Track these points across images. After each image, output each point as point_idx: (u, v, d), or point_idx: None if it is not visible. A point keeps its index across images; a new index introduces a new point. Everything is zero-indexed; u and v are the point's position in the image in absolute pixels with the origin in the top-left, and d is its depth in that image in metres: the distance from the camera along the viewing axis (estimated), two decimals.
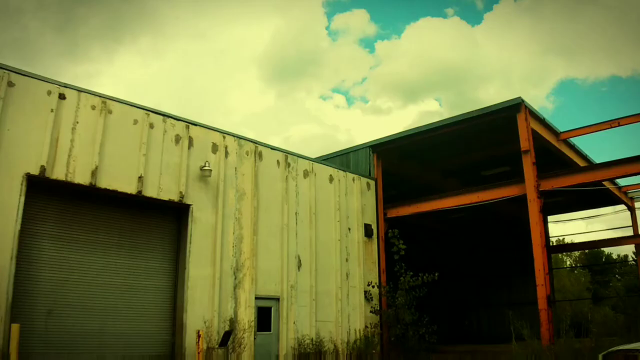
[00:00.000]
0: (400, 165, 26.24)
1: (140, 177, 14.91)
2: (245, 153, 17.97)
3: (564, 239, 45.92)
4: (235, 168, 17.53)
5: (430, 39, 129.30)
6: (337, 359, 18.78)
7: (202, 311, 15.46)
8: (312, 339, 18.31)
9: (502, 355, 17.26)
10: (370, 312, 21.34)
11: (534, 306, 18.44)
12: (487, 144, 24.43)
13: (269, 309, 17.72)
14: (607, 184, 28.04)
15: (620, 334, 15.87)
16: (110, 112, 14.67)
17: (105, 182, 14.22)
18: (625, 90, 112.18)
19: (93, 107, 14.33)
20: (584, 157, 25.68)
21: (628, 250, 45.35)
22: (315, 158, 22.00)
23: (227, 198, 17.03)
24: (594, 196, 29.61)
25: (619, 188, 32.18)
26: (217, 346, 15.12)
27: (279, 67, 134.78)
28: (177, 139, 16.08)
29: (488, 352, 24.17)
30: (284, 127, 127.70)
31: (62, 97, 13.82)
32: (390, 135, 23.51)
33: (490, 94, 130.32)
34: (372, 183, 23.12)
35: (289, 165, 19.36)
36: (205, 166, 16.41)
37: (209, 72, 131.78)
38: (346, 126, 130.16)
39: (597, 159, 26.03)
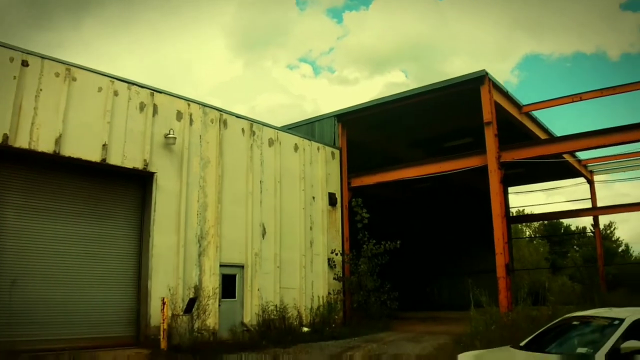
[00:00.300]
0: (366, 135, 26.38)
1: (104, 145, 14.79)
2: (210, 121, 17.90)
3: (524, 210, 46.83)
4: (200, 136, 17.46)
5: (398, 11, 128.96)
6: (300, 325, 19.08)
7: (166, 278, 15.55)
8: (276, 306, 18.57)
9: (461, 321, 17.71)
10: (334, 279, 21.72)
11: (494, 274, 18.91)
12: (451, 115, 24.61)
13: (234, 276, 17.89)
14: (567, 157, 28.64)
15: (577, 302, 16.41)
16: (74, 79, 14.45)
17: (70, 150, 14.07)
18: (588, 67, 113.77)
19: (57, 75, 14.11)
20: (545, 130, 26.13)
21: (586, 222, 46.43)
22: (281, 127, 22.01)
23: (192, 166, 16.99)
24: (555, 169, 30.19)
25: (579, 161, 32.92)
26: (181, 313, 15.24)
27: (247, 36, 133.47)
28: (142, 106, 15.93)
29: (448, 318, 24.85)
30: (251, 96, 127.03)
31: (25, 64, 13.57)
32: (356, 105, 23.60)
33: (456, 67, 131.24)
34: (337, 152, 23.27)
35: (254, 133, 19.34)
36: (169, 134, 16.32)
37: (176, 42, 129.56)
38: (312, 96, 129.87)
39: (559, 132, 26.47)
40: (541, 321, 9.75)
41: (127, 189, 16.04)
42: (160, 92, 16.61)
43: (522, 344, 8.35)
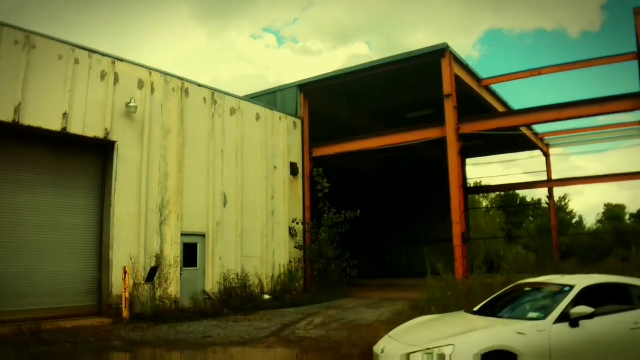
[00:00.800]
0: (328, 106, 26.44)
1: (65, 114, 14.61)
2: (172, 90, 17.77)
3: (481, 181, 47.51)
4: (162, 105, 17.34)
5: None
6: (262, 293, 19.30)
7: (128, 248, 15.56)
8: (237, 274, 18.73)
9: (419, 288, 18.10)
10: (295, 247, 21.97)
11: (451, 243, 19.37)
12: (412, 87, 24.81)
13: (195, 245, 17.97)
14: (524, 130, 29.15)
15: (531, 271, 16.82)
16: (33, 47, 14.17)
17: (29, 119, 13.87)
18: (549, 44, 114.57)
19: (16, 42, 13.81)
20: (504, 103, 26.55)
21: (542, 194, 47.47)
22: (243, 96, 21.91)
23: (153, 135, 16.89)
24: (512, 141, 30.74)
25: (536, 135, 33.53)
26: (143, 282, 15.29)
27: (211, 6, 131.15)
28: (103, 75, 15.74)
29: (406, 286, 25.32)
30: (214, 66, 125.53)
31: None
32: (318, 76, 23.64)
33: (420, 41, 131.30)
34: (299, 122, 23.34)
35: (215, 102, 19.28)
36: (131, 103, 16.18)
37: (139, 11, 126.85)
38: (276, 67, 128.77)
39: (518, 107, 26.96)
40: (496, 288, 10.08)
41: (88, 159, 15.91)
42: (121, 60, 16.40)
43: (475, 309, 8.65)
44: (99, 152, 16.07)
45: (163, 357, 10.38)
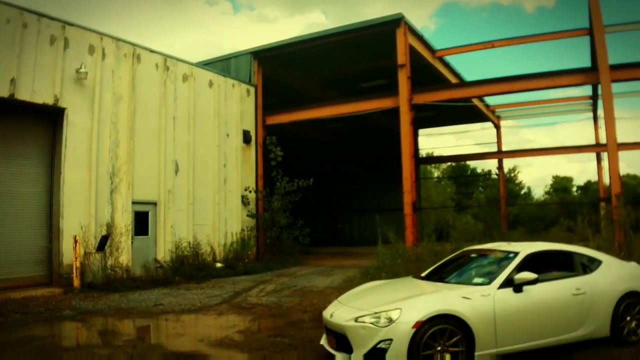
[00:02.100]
0: (282, 74, 26.34)
1: (12, 80, 14.16)
2: (123, 55, 17.42)
3: (433, 152, 48.03)
4: (113, 71, 16.99)
5: None
6: (214, 261, 19.31)
7: (78, 216, 15.35)
8: (189, 242, 18.69)
9: (370, 256, 18.36)
10: (247, 215, 21.97)
11: (402, 212, 19.66)
12: (367, 57, 24.86)
13: (146, 213, 17.84)
14: (476, 102, 29.53)
15: (479, 239, 17.14)
16: None
17: None
18: (504, 18, 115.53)
19: None
20: (457, 75, 26.83)
21: (492, 165, 48.28)
22: (196, 63, 21.60)
23: (104, 102, 16.56)
24: (464, 113, 31.08)
25: (488, 107, 33.97)
26: (94, 251, 15.18)
27: None
28: (52, 39, 15.31)
29: (357, 253, 25.62)
30: (168, 33, 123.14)
31: None
32: (273, 43, 23.42)
33: (377, 10, 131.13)
34: (252, 90, 23.18)
35: (167, 69, 19.00)
36: (81, 68, 15.81)
37: None
38: (231, 34, 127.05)
39: (471, 79, 27.24)
40: (444, 256, 10.29)
41: (37, 126, 15.49)
42: (71, 25, 15.92)
43: (423, 274, 8.83)
44: (48, 119, 15.67)
45: (114, 325, 10.34)
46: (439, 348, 6.41)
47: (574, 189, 58.58)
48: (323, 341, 7.57)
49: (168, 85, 18.92)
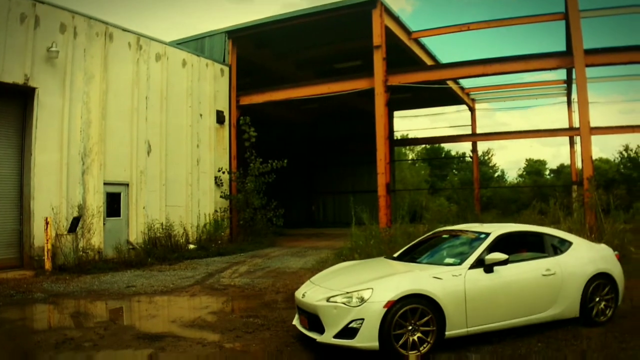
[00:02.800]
0: (257, 54, 26.14)
1: None
2: (95, 34, 17.11)
3: (408, 134, 48.12)
4: (84, 50, 16.69)
5: None
6: (187, 243, 19.23)
7: (49, 198, 15.16)
8: (162, 224, 18.59)
9: (344, 237, 18.44)
10: (220, 197, 21.89)
11: (376, 194, 19.69)
12: (342, 37, 24.77)
13: (118, 194, 17.67)
14: (451, 84, 29.64)
15: (452, 221, 17.27)
16: None
17: None
18: (481, 1, 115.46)
19: None
20: (432, 57, 26.83)
21: (466, 148, 48.58)
22: (170, 42, 21.32)
23: (75, 81, 16.28)
24: (439, 95, 31.25)
25: (462, 89, 34.10)
26: (66, 232, 15.01)
27: None
28: (22, 17, 14.94)
29: (331, 235, 25.73)
30: (142, 12, 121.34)
31: None
32: (247, 23, 23.16)
33: None
34: (226, 69, 22.98)
35: (140, 48, 18.74)
36: (52, 47, 15.49)
37: None
38: (206, 13, 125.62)
39: (446, 61, 27.26)
40: (417, 237, 10.36)
41: (7, 106, 15.14)
42: (42, 2, 15.53)
43: (395, 255, 8.89)
44: (19, 99, 15.35)
45: (86, 307, 10.26)
46: (410, 327, 6.46)
47: (547, 172, 59.19)
48: (295, 321, 7.59)
49: (141, 65, 18.68)
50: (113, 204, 17.51)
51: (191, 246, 19.07)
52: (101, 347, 7.21)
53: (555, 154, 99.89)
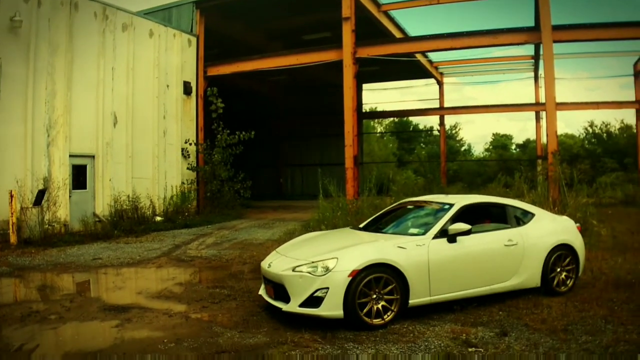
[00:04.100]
0: (225, 25, 25.82)
1: None
2: (60, 3, 16.69)
3: (377, 107, 48.18)
4: (49, 19, 16.28)
5: None
6: (154, 215, 19.15)
7: (13, 171, 14.92)
8: (128, 196, 18.44)
9: (311, 210, 18.54)
10: (187, 169, 21.79)
11: (344, 166, 19.76)
12: (312, 9, 24.55)
13: (84, 166, 17.47)
14: (420, 58, 29.67)
15: (419, 194, 17.42)
16: None
17: None
18: None
19: None
20: (402, 30, 26.82)
21: (434, 121, 48.93)
22: (136, 12, 20.95)
23: (40, 51, 15.91)
24: (408, 68, 31.29)
25: (431, 63, 34.19)
26: (31, 205, 14.78)
27: None
28: None
29: (299, 207, 25.81)
30: None
31: None
32: None
33: None
34: (194, 40, 22.71)
35: (107, 18, 18.38)
36: (15, 17, 15.12)
37: None
38: None
39: (416, 34, 27.30)
40: (384, 209, 10.47)
41: None
42: None
43: (361, 225, 8.98)
44: None
45: (52, 280, 10.20)
46: (374, 296, 6.57)
47: (513, 146, 59.82)
48: (261, 291, 7.66)
49: (107, 35, 18.35)
50: (79, 177, 17.32)
51: (158, 218, 19.01)
52: (67, 320, 7.20)
53: (521, 128, 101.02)
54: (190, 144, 21.99)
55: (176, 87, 21.54)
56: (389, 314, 6.64)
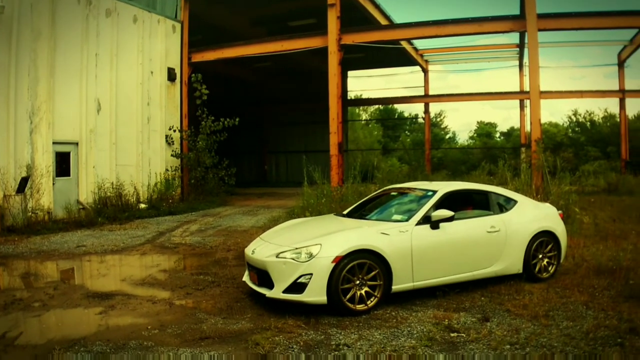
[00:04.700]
0: (210, 11, 25.62)
1: None
2: None
3: (362, 94, 48.18)
4: (31, 5, 15.99)
5: None
6: (138, 202, 19.09)
7: None
8: (112, 183, 18.38)
9: (296, 197, 18.57)
10: (172, 155, 21.68)
11: (329, 154, 19.79)
12: None
13: (68, 154, 17.32)
14: (405, 45, 29.68)
15: (403, 181, 17.52)
16: None
17: None
18: None
19: None
20: (387, 17, 26.75)
21: (419, 109, 49.03)
22: None
23: (22, 37, 15.65)
24: (393, 55, 31.30)
25: (416, 50, 34.22)
26: (14, 193, 14.72)
27: None
28: None
29: (284, 194, 25.83)
30: None
31: None
32: None
33: None
34: (178, 26, 22.52)
35: (90, 3, 18.13)
36: None
37: None
38: None
39: (401, 21, 27.32)
40: (368, 195, 10.51)
41: None
42: None
43: (345, 212, 9.01)
44: None
45: (36, 268, 10.16)
46: (357, 282, 6.62)
47: (498, 135, 60.08)
48: (245, 277, 7.68)
49: (90, 21, 18.15)
50: (62, 164, 17.17)
51: (142, 205, 18.95)
52: (50, 307, 7.20)
53: (506, 117, 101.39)
54: (175, 131, 21.88)
55: (160, 74, 21.40)
56: (372, 299, 6.70)
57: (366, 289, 6.66)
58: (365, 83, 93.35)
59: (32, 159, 15.79)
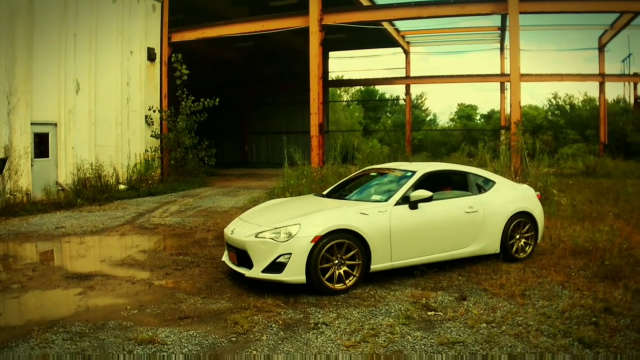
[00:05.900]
0: None
1: None
2: None
3: (343, 75, 48.05)
4: None
5: None
6: (117, 183, 18.99)
7: None
8: (91, 164, 18.24)
9: (276, 177, 18.59)
10: (151, 136, 21.55)
11: (309, 135, 19.81)
12: None
13: (47, 134, 17.16)
14: (386, 26, 29.63)
15: (383, 162, 17.57)
16: None
17: None
18: None
19: None
20: None
21: (400, 91, 49.02)
22: None
23: None
24: (375, 37, 31.24)
25: (398, 31, 34.19)
26: None
27: None
28: None
29: (264, 175, 25.83)
30: None
31: None
32: None
33: None
34: (158, 5, 22.22)
35: None
36: None
37: None
38: None
39: (382, 2, 27.25)
40: (347, 175, 10.55)
41: None
42: None
43: (325, 192, 9.05)
44: None
45: (14, 249, 10.09)
46: (336, 261, 6.66)
47: (478, 117, 60.23)
48: (225, 257, 7.70)
49: (69, 1, 17.90)
50: (41, 145, 16.99)
51: (121, 186, 18.85)
52: (29, 288, 7.18)
53: (486, 99, 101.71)
54: (154, 111, 21.70)
55: (140, 54, 21.18)
56: (350, 279, 6.75)
57: (345, 268, 6.71)
58: (347, 64, 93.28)
59: (10, 140, 15.60)
